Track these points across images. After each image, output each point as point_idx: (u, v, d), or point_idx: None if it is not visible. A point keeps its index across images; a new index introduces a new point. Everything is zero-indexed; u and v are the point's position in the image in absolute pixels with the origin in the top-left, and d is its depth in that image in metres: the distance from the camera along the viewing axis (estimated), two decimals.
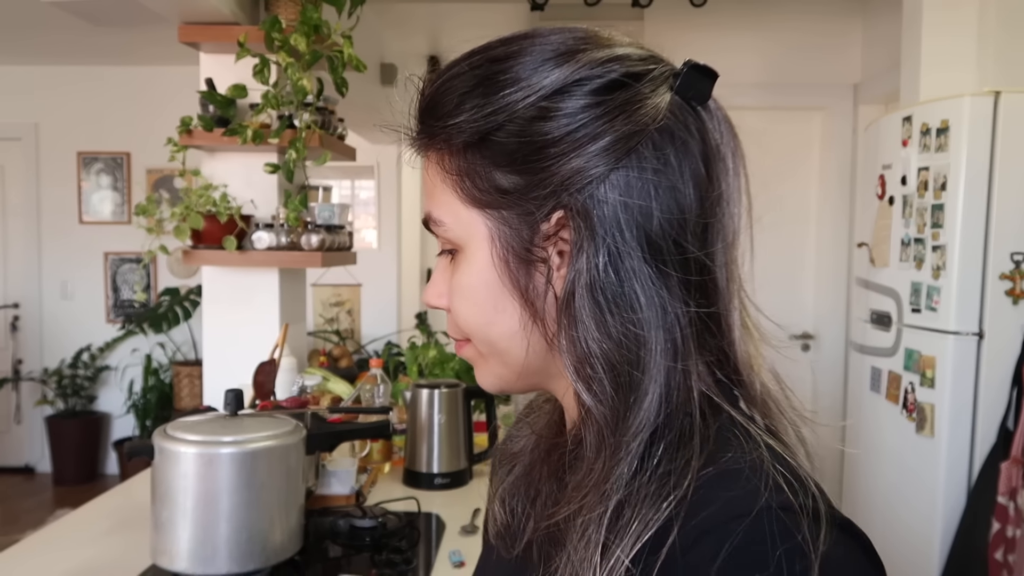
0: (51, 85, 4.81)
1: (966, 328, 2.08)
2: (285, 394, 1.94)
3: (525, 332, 0.53)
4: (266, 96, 2.00)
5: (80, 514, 1.64)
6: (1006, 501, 1.97)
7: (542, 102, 0.50)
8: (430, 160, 0.56)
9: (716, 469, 0.46)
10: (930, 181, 2.17)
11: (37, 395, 4.83)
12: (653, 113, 0.50)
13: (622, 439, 0.48)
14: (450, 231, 0.55)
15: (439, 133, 0.54)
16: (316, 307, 4.79)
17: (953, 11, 2.62)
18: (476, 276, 0.54)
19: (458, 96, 0.52)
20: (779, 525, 0.42)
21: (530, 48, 0.52)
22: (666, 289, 0.50)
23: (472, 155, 0.52)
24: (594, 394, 0.50)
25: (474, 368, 0.60)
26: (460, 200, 0.54)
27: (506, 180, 0.51)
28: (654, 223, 0.50)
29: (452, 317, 0.58)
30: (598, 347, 0.49)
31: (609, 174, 0.49)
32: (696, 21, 3.55)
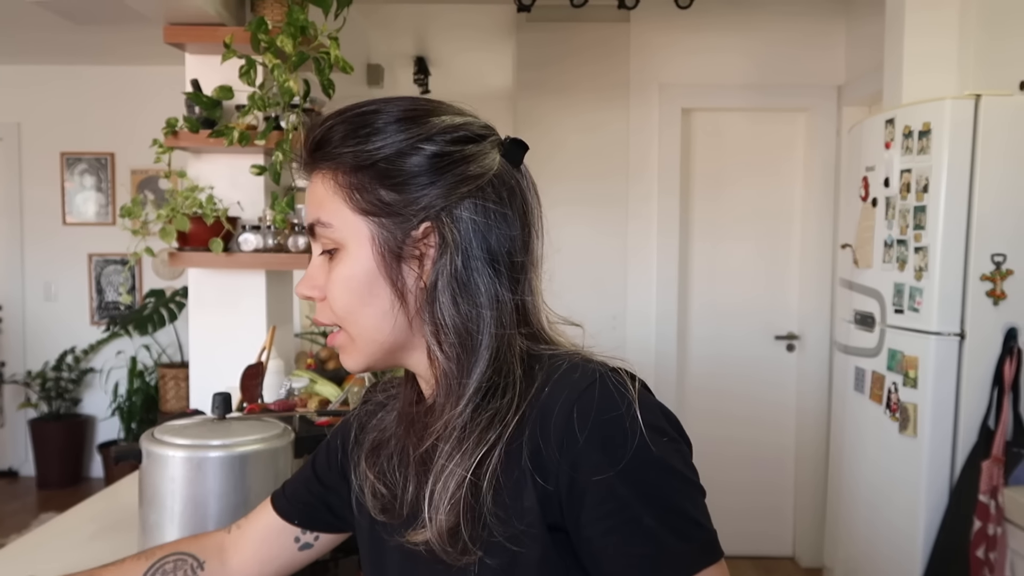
0: (34, 84, 4.76)
1: (948, 329, 2.11)
2: (273, 397, 1.94)
3: (393, 312, 0.71)
4: (252, 97, 2.00)
5: (66, 518, 1.63)
6: (987, 499, 2.00)
7: (419, 143, 0.69)
8: (323, 177, 0.72)
9: (557, 374, 0.67)
10: (912, 183, 2.20)
11: (20, 398, 4.79)
12: (491, 164, 0.72)
13: (466, 383, 0.68)
14: (336, 232, 0.71)
15: (337, 156, 0.71)
16: (304, 309, 4.77)
17: (935, 13, 2.65)
18: (357, 268, 0.71)
19: (368, 129, 0.71)
20: (616, 380, 0.66)
21: (418, 106, 0.72)
22: (498, 283, 0.71)
23: (363, 175, 0.70)
24: (446, 354, 0.70)
25: (341, 353, 0.76)
26: (349, 208, 0.71)
27: (388, 196, 0.70)
28: (492, 238, 0.71)
29: (327, 305, 0.74)
30: (451, 320, 0.69)
31: (463, 201, 0.70)
32: (681, 23, 3.57)
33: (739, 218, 3.71)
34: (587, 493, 0.62)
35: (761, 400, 3.73)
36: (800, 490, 3.73)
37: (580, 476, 0.62)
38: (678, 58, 3.63)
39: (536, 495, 0.64)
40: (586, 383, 0.65)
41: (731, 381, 3.72)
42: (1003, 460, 2.03)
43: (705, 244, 3.73)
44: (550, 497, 0.64)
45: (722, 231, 3.72)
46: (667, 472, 0.63)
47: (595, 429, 0.62)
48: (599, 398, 0.63)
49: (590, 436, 0.62)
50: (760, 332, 3.75)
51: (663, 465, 0.63)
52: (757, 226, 3.73)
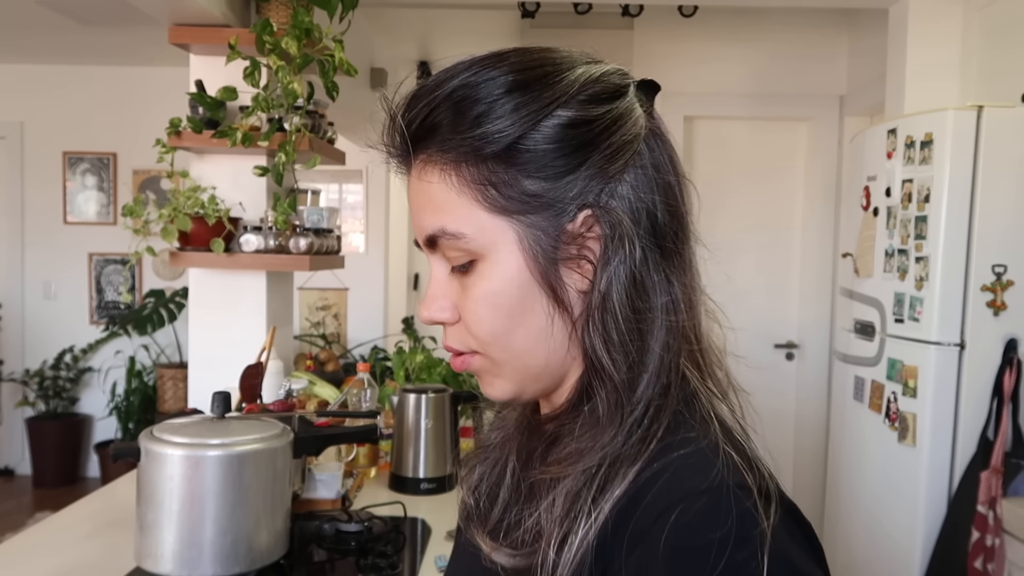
0: (38, 84, 4.77)
1: (948, 339, 2.11)
2: (272, 398, 1.94)
3: (550, 329, 0.57)
4: (256, 99, 2.00)
5: (63, 516, 1.63)
6: (986, 510, 2.00)
7: (557, 111, 0.54)
8: (437, 173, 0.56)
9: (677, 454, 0.51)
10: (914, 193, 2.20)
11: (18, 396, 4.78)
12: (642, 118, 0.57)
13: (635, 408, 0.54)
14: (472, 242, 0.56)
15: (456, 145, 0.55)
16: (302, 311, 4.78)
17: (937, 25, 2.66)
18: (505, 280, 0.56)
19: (484, 105, 0.54)
20: (735, 501, 0.47)
21: (533, 62, 0.56)
22: (669, 277, 0.57)
23: (495, 164, 0.54)
24: (617, 371, 0.54)
25: (481, 380, 0.61)
26: (484, 209, 0.55)
27: (534, 186, 0.55)
28: (659, 217, 0.56)
29: (463, 328, 0.59)
30: (623, 330, 0.55)
31: (623, 172, 0.55)
32: (685, 31, 3.58)
33: (740, 226, 3.71)
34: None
35: (760, 408, 3.71)
36: (799, 498, 3.69)
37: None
38: (681, 66, 3.63)
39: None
40: (694, 488, 0.49)
41: None
42: (1002, 471, 2.02)
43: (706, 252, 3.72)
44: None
45: (723, 239, 3.73)
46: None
47: (672, 550, 0.47)
48: (703, 513, 0.47)
49: (662, 552, 0.47)
50: (760, 340, 3.74)
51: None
52: (758, 234, 3.73)
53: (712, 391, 0.58)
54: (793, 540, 0.49)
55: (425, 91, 0.56)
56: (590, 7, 3.46)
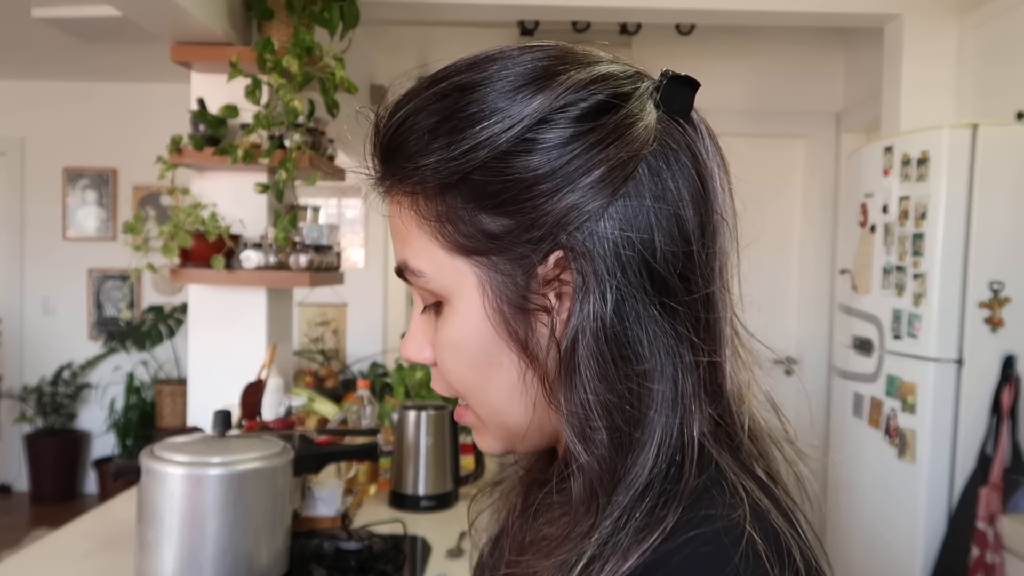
0: (39, 100, 4.79)
1: (946, 355, 2.12)
2: (272, 414, 1.94)
3: (526, 386, 0.48)
4: (257, 116, 2.01)
5: (61, 535, 1.62)
6: (985, 527, 2.00)
7: (526, 133, 0.45)
8: (400, 204, 0.50)
9: (688, 536, 0.42)
10: (911, 210, 2.22)
11: (16, 412, 4.77)
12: (645, 135, 0.46)
13: (613, 497, 0.44)
14: (432, 282, 0.49)
15: (410, 175, 0.48)
16: (302, 326, 4.78)
17: (933, 43, 2.68)
18: (467, 329, 0.48)
19: (427, 131, 0.47)
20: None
21: (502, 72, 0.47)
22: (673, 332, 0.46)
23: (451, 197, 0.47)
24: (590, 451, 0.45)
25: (473, 432, 0.55)
26: (442, 247, 0.48)
27: (494, 223, 0.46)
28: (658, 257, 0.46)
29: (440, 373, 0.52)
30: (599, 401, 0.45)
31: (608, 207, 0.45)
32: (682, 49, 3.61)
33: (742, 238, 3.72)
34: None
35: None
36: None
37: None
38: None
39: None
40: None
41: None
42: (1001, 487, 2.02)
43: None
44: None
45: None
46: None
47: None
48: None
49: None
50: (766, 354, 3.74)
51: None
52: (755, 250, 3.73)
53: (742, 467, 0.47)
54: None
55: (396, 107, 0.49)
56: (588, 25, 3.49)
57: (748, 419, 0.50)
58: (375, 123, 0.50)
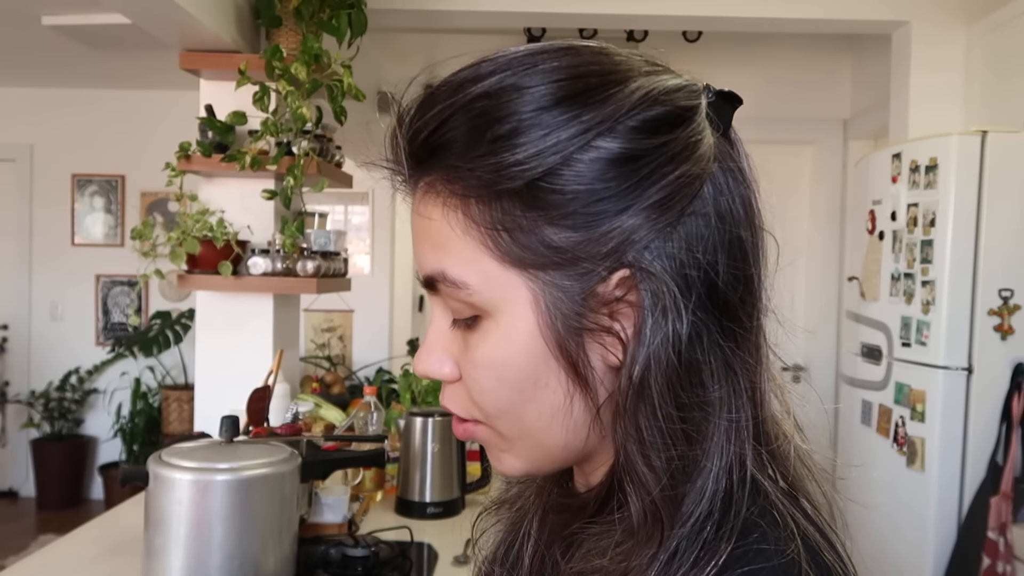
0: (48, 107, 4.82)
1: (955, 363, 2.10)
2: (278, 420, 1.94)
3: (568, 408, 0.45)
4: (265, 123, 2.02)
5: (68, 540, 1.63)
6: (996, 536, 1.98)
7: (597, 140, 0.42)
8: (444, 206, 0.45)
9: (742, 570, 0.40)
10: (919, 217, 2.21)
11: (23, 418, 4.78)
12: (710, 151, 0.44)
13: (674, 526, 0.42)
14: (476, 295, 0.45)
15: (463, 175, 0.43)
16: (308, 332, 4.78)
17: (940, 51, 2.68)
18: (514, 347, 0.45)
19: (484, 129, 0.42)
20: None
21: (567, 71, 0.43)
22: (730, 361, 0.44)
23: (510, 204, 0.43)
24: (650, 481, 0.43)
25: (489, 451, 0.51)
26: (493, 257, 0.44)
27: (558, 236, 0.43)
28: (722, 279, 0.44)
29: (466, 393, 0.48)
30: (666, 428, 0.42)
31: (677, 225, 0.43)
32: (689, 56, 3.60)
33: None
34: None
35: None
36: None
37: None
38: None
39: None
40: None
41: None
42: (1012, 496, 2.01)
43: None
44: None
45: None
46: None
47: None
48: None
49: None
50: None
51: None
52: None
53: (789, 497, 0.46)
54: None
55: (440, 95, 0.45)
56: (595, 32, 3.49)
57: (791, 446, 0.48)
58: (410, 116, 0.46)
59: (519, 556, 0.55)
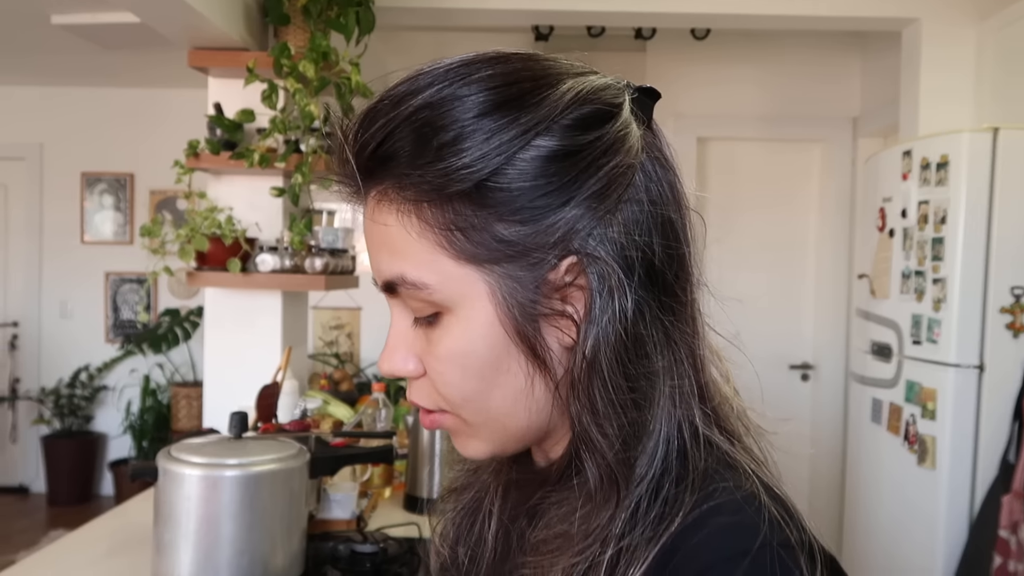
0: (56, 105, 4.84)
1: (967, 361, 2.09)
2: (287, 417, 1.94)
3: (530, 389, 0.49)
4: (273, 121, 2.03)
5: (78, 535, 1.63)
6: (1008, 535, 1.97)
7: (537, 140, 0.45)
8: (398, 212, 0.48)
9: (712, 504, 0.45)
10: (930, 215, 2.20)
11: (34, 414, 4.81)
12: (638, 142, 0.48)
13: (630, 487, 0.46)
14: (436, 293, 0.48)
15: (415, 182, 0.46)
16: (316, 330, 4.79)
17: (951, 47, 2.66)
18: (475, 337, 0.48)
19: (430, 137, 0.46)
20: (780, 563, 0.42)
21: (500, 78, 0.47)
22: (669, 332, 0.49)
23: (461, 205, 0.46)
24: (607, 446, 0.47)
25: (455, 438, 0.54)
26: (450, 257, 0.47)
27: (508, 230, 0.46)
28: (658, 258, 0.48)
29: (431, 386, 0.51)
30: (616, 399, 0.47)
31: (615, 212, 0.47)
32: (698, 54, 3.60)
33: (753, 247, 3.71)
34: None
35: (774, 430, 3.69)
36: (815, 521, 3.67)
37: None
38: (694, 88, 3.65)
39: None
40: (737, 549, 0.43)
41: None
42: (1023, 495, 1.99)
43: (718, 273, 3.71)
44: None
45: (736, 260, 3.72)
46: None
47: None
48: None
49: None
50: (774, 362, 3.72)
51: None
52: (772, 255, 3.72)
53: (733, 445, 0.51)
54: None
55: (382, 109, 0.47)
56: (603, 30, 3.48)
57: (732, 407, 0.54)
58: (355, 130, 0.48)
59: (481, 535, 0.58)
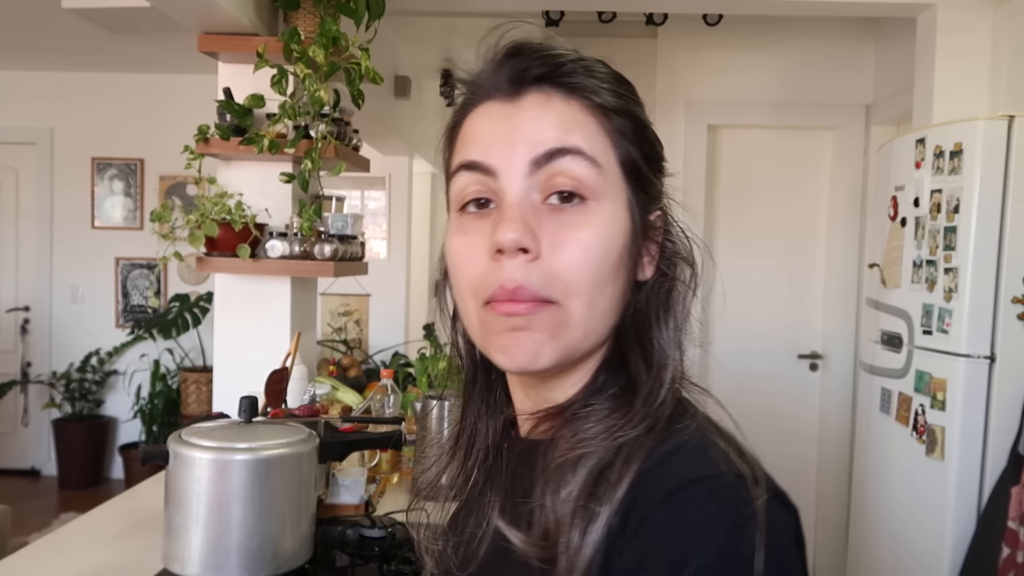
0: (67, 91, 4.85)
1: (977, 351, 2.08)
2: (296, 402, 1.95)
3: (621, 300, 0.57)
4: (283, 106, 2.02)
5: (90, 518, 1.65)
6: (1016, 526, 1.96)
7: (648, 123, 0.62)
8: (579, 105, 0.56)
9: (677, 434, 0.52)
10: (943, 203, 2.18)
11: (45, 398, 4.85)
12: None
13: (663, 391, 0.55)
14: (601, 176, 0.55)
15: (611, 100, 0.57)
16: (324, 316, 4.81)
17: (966, 35, 2.63)
18: (616, 234, 0.55)
19: (618, 81, 0.59)
20: (730, 486, 0.48)
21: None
22: (686, 295, 0.61)
23: (629, 122, 0.58)
24: (664, 359, 0.57)
25: (526, 340, 0.54)
26: (616, 160, 0.56)
27: (643, 164, 0.58)
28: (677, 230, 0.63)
29: (547, 269, 0.53)
30: (673, 337, 0.59)
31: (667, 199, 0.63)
32: (709, 40, 3.57)
33: (764, 235, 3.69)
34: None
35: (783, 419, 3.69)
36: (822, 511, 3.68)
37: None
38: (705, 75, 3.62)
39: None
40: (694, 476, 0.49)
41: (752, 398, 3.69)
42: None
43: (729, 261, 3.71)
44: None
45: (746, 248, 3.70)
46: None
47: (670, 530, 0.47)
48: (702, 498, 0.48)
49: (663, 532, 0.47)
50: (783, 350, 3.71)
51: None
52: (782, 244, 3.70)
53: (692, 391, 0.60)
54: (780, 524, 0.49)
55: (576, 52, 0.59)
56: (614, 16, 3.46)
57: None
58: (547, 43, 0.59)
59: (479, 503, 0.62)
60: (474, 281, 0.55)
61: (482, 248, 0.54)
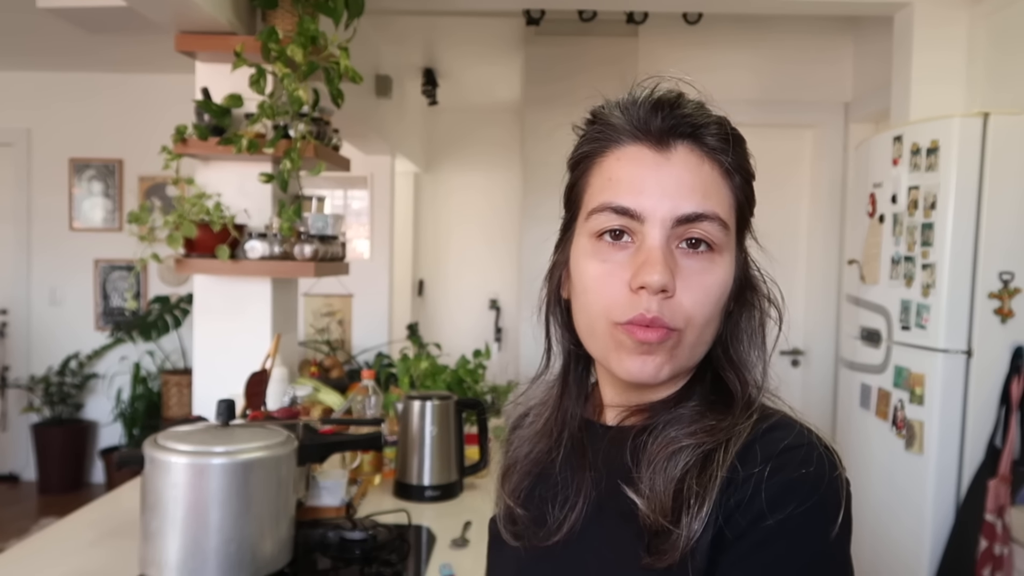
0: (44, 91, 4.79)
1: (955, 346, 2.10)
2: (276, 404, 1.94)
3: (717, 328, 0.68)
4: (262, 106, 2.00)
5: (67, 523, 1.63)
6: (993, 519, 1.98)
7: None
8: (716, 169, 0.66)
9: (769, 421, 0.65)
10: (920, 200, 2.20)
11: (23, 402, 4.79)
12: None
13: (758, 396, 0.68)
14: (728, 236, 0.66)
15: (739, 165, 0.68)
16: (307, 317, 4.78)
17: (943, 32, 2.66)
18: (729, 279, 0.67)
19: (743, 147, 0.71)
20: (822, 451, 0.61)
21: None
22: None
23: (743, 186, 0.69)
24: (748, 379, 0.70)
25: (650, 359, 0.65)
26: (735, 212, 0.68)
27: (747, 215, 0.71)
28: None
29: (678, 305, 0.64)
30: (760, 355, 0.72)
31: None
32: (690, 38, 3.58)
33: None
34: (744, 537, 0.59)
35: None
36: None
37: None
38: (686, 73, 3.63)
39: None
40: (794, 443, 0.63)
41: None
42: (1010, 479, 2.01)
43: None
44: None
45: None
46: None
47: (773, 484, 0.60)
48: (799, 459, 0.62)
49: (766, 485, 0.60)
50: None
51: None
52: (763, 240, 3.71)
53: (770, 398, 0.71)
54: (848, 492, 0.62)
55: (715, 116, 0.69)
56: (595, 15, 3.46)
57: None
58: (703, 109, 0.69)
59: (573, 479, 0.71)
60: (610, 305, 0.65)
61: (621, 278, 0.65)
